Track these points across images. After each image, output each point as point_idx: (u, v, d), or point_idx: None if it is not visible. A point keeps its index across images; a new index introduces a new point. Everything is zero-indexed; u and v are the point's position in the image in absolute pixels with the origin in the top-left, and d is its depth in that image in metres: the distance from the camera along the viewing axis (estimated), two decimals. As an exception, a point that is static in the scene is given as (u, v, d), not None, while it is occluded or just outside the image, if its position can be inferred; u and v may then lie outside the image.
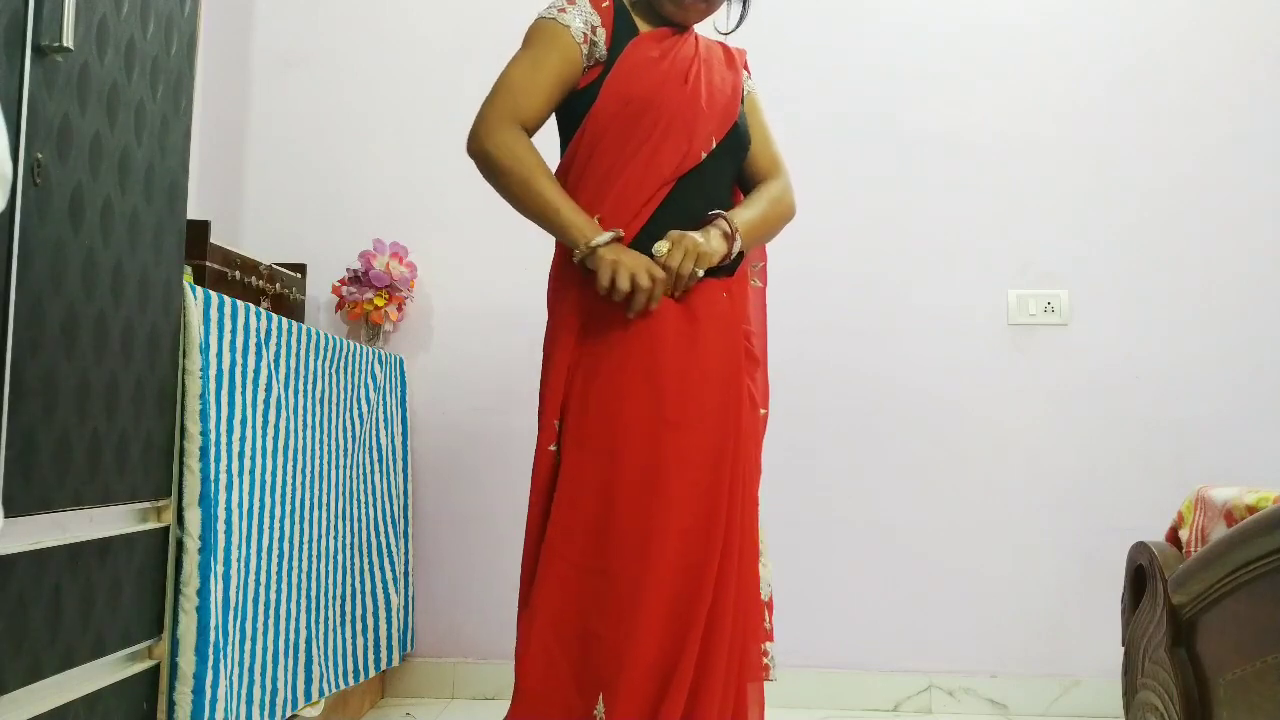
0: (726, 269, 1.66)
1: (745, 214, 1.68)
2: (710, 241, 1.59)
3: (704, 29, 1.78)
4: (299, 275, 2.48)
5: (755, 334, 1.76)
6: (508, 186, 1.60)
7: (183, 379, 1.55)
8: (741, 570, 1.57)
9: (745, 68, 1.81)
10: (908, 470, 2.64)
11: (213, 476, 1.57)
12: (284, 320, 1.88)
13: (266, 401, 1.79)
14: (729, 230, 1.62)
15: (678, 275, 1.56)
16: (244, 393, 1.70)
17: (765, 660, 1.70)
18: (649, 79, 1.61)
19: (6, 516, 1.15)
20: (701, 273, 1.58)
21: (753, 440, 1.67)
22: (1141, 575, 1.63)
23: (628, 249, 1.57)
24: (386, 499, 2.43)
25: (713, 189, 1.67)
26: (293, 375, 1.92)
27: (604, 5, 1.66)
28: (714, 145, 1.65)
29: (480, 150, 1.61)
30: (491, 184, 1.63)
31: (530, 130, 1.63)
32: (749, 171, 1.78)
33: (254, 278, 2.17)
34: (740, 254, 1.67)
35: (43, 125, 1.23)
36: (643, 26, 1.69)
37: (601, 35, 1.64)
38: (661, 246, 1.57)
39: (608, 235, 1.55)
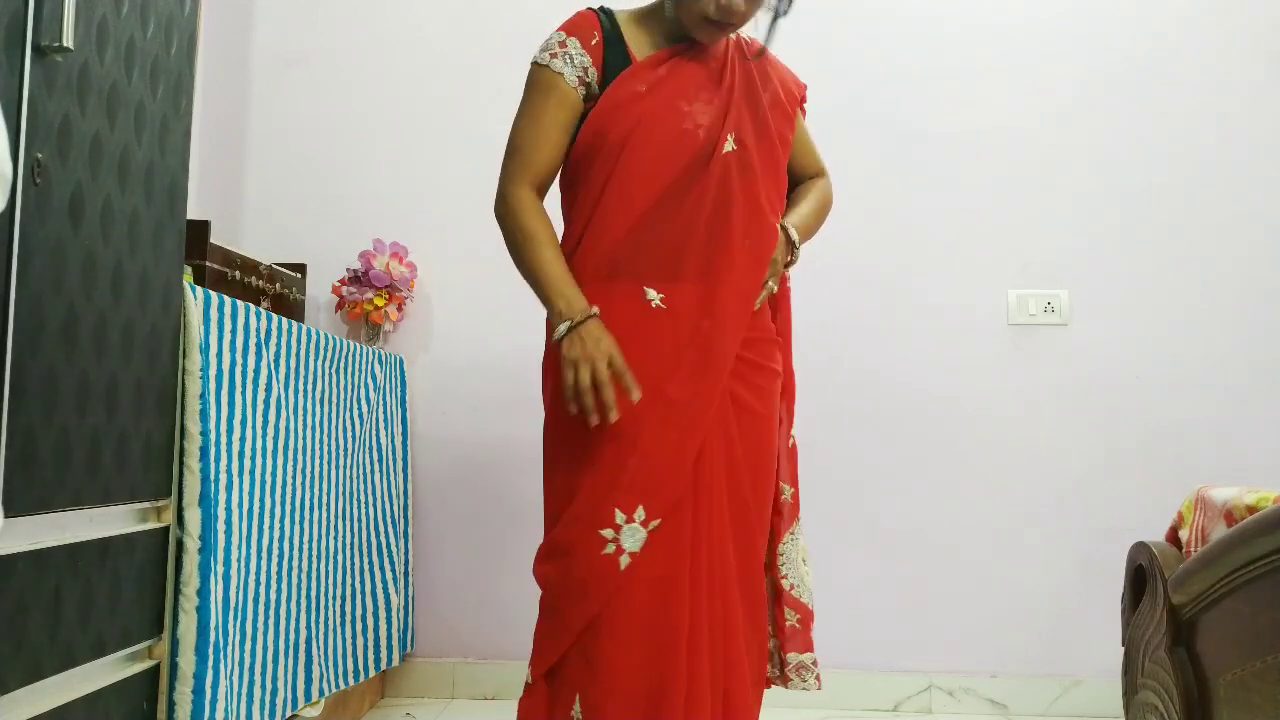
0: None
1: (802, 210, 1.77)
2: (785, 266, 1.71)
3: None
4: (299, 275, 2.48)
5: (766, 340, 1.71)
6: (511, 250, 1.61)
7: (183, 379, 1.55)
8: (724, 579, 1.55)
9: (800, 104, 1.81)
10: (907, 470, 2.64)
11: (213, 476, 1.57)
12: (284, 320, 1.88)
13: (266, 401, 1.79)
14: (792, 240, 1.70)
15: None
16: (244, 393, 1.70)
17: (816, 670, 1.74)
18: (628, 116, 1.57)
19: (6, 516, 1.15)
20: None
21: (758, 446, 1.65)
22: (1141, 575, 1.63)
23: (596, 334, 1.51)
24: (386, 499, 2.43)
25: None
26: (293, 375, 1.92)
27: (593, 43, 1.61)
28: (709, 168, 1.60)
29: (497, 215, 1.63)
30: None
31: (544, 184, 1.64)
32: (794, 178, 1.83)
33: (254, 278, 2.17)
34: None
35: (43, 125, 1.23)
36: (645, 50, 1.63)
37: (594, 75, 1.61)
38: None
39: (576, 317, 1.51)
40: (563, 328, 1.51)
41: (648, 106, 1.58)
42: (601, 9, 1.67)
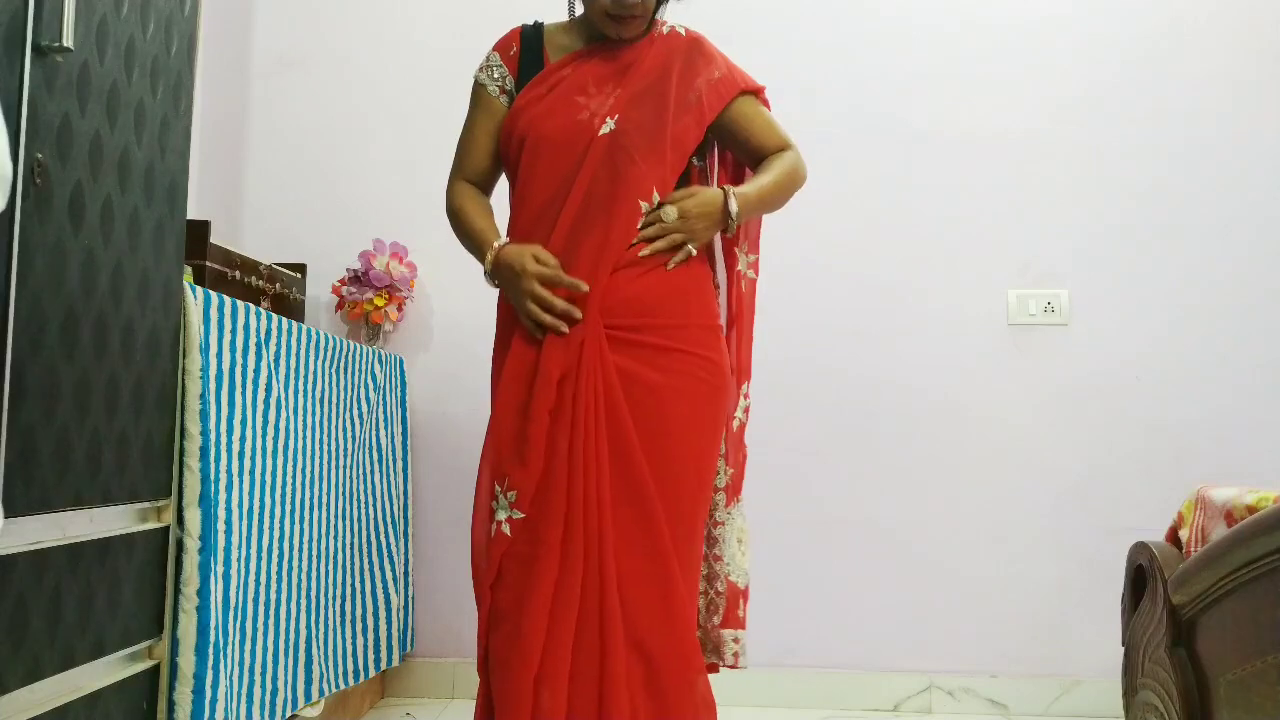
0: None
1: (759, 181, 1.75)
2: (708, 230, 1.68)
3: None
4: (299, 275, 2.48)
5: (695, 325, 1.68)
6: (455, 232, 1.79)
7: (183, 379, 1.55)
8: (610, 563, 1.54)
9: (753, 92, 1.78)
10: (907, 470, 2.64)
11: (213, 476, 1.57)
12: (284, 320, 1.88)
13: (266, 401, 1.79)
14: (729, 209, 1.67)
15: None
16: (244, 393, 1.70)
17: (736, 648, 1.72)
18: (526, 117, 1.68)
19: (6, 516, 1.15)
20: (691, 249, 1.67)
21: (660, 424, 1.61)
22: (1141, 575, 1.63)
23: (508, 262, 1.63)
24: (386, 499, 2.43)
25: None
26: (293, 375, 1.92)
27: (511, 53, 1.76)
28: (612, 159, 1.62)
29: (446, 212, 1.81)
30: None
31: (479, 181, 1.80)
32: (758, 156, 1.80)
33: (254, 278, 2.17)
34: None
35: (43, 125, 1.23)
36: (556, 55, 1.73)
37: (510, 83, 1.75)
38: (670, 212, 1.64)
39: (489, 257, 1.67)
40: (485, 273, 1.70)
41: (546, 105, 1.68)
42: (534, 23, 1.78)
